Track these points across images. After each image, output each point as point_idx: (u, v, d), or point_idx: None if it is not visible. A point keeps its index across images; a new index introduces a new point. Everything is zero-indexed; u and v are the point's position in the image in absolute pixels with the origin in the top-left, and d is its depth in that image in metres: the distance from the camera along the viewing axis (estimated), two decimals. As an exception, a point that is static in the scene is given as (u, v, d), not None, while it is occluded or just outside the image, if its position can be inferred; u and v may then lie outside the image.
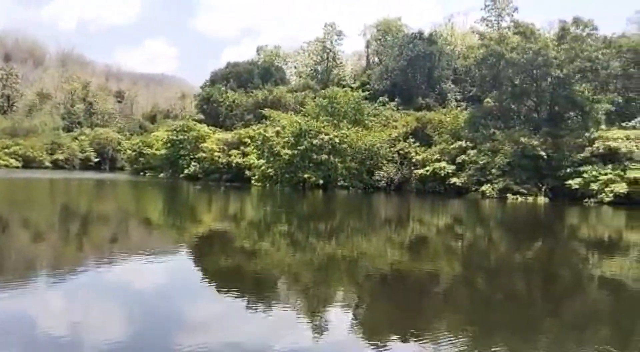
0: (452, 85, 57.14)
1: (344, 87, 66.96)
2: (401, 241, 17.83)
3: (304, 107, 48.96)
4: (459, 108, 49.14)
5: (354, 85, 63.72)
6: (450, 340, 6.99)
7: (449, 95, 56.15)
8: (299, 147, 38.84)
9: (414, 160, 43.52)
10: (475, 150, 40.98)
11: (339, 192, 41.82)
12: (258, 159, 42.81)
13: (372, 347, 6.92)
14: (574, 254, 16.16)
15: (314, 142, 38.52)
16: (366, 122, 45.18)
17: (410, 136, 45.55)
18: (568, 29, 41.23)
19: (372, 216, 27.82)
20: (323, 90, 46.91)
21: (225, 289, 9.74)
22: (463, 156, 41.33)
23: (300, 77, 74.49)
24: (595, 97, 40.22)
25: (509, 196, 37.14)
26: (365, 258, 13.70)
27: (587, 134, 37.76)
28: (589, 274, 12.73)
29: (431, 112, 47.13)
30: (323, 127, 40.03)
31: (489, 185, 38.29)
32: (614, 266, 13.83)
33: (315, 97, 50.50)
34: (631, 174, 34.36)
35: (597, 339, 7.60)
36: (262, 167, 40.75)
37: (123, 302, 8.50)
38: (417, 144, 44.67)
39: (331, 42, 68.28)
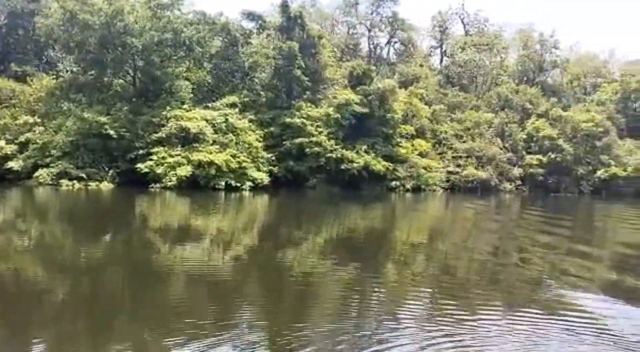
0: (65, 54, 48.61)
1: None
2: None
3: None
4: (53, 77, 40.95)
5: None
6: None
7: (60, 65, 47.62)
8: None
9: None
10: (43, 127, 33.80)
11: None
12: None
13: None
14: (146, 248, 15.16)
15: None
16: None
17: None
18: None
19: None
20: None
21: None
22: (29, 134, 33.69)
23: None
24: (184, 74, 37.45)
25: (65, 182, 30.97)
26: None
27: (164, 113, 34.45)
28: (168, 268, 12.47)
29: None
30: None
31: (45, 169, 31.48)
32: (189, 255, 13.83)
33: None
34: (197, 157, 32.24)
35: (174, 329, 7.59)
36: None
37: None
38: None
39: None
